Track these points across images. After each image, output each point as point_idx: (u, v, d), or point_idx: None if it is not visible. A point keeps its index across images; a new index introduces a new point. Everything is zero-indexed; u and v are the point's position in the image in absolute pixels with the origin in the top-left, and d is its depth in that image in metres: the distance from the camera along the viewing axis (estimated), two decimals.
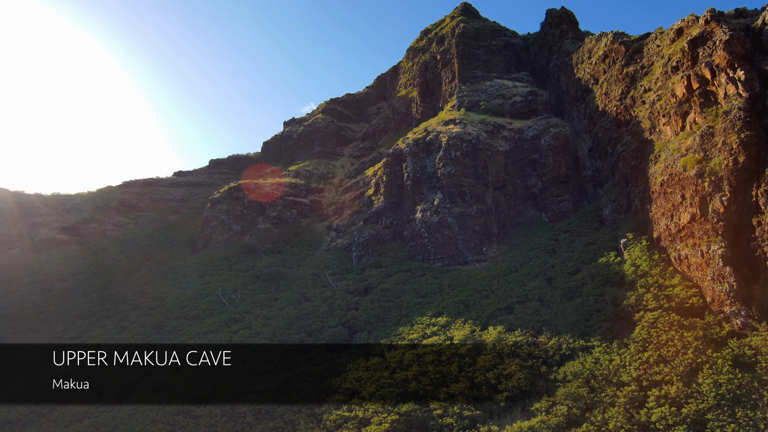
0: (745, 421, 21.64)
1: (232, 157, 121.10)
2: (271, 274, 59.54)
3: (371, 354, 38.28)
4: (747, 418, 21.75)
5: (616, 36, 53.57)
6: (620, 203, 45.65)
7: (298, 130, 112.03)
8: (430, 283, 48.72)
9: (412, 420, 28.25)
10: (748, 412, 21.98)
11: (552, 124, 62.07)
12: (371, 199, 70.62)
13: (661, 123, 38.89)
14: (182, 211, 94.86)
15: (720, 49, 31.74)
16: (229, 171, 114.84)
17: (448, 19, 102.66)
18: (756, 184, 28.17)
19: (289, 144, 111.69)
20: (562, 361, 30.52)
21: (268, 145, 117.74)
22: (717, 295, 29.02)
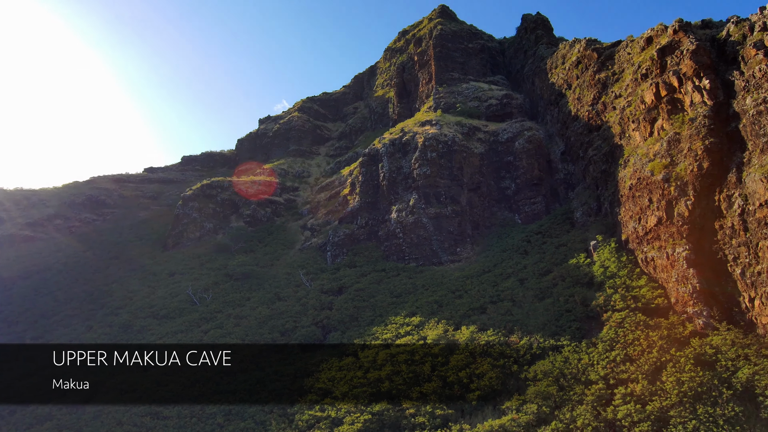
0: (705, 417, 22.42)
1: (205, 154, 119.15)
2: (244, 273, 58.74)
3: (345, 354, 38.15)
4: (707, 414, 22.54)
5: (588, 43, 54.80)
6: (591, 206, 46.70)
7: (274, 128, 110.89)
8: (404, 283, 48.86)
9: (385, 419, 28.26)
10: (708, 409, 22.77)
11: (526, 128, 63.08)
12: (347, 198, 70.43)
13: (630, 128, 39.94)
14: (153, 208, 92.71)
15: (687, 59, 32.79)
16: (202, 168, 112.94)
17: (426, 20, 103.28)
18: (719, 189, 29.20)
19: (264, 142, 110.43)
20: (532, 360, 31.01)
21: (243, 142, 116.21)
22: (681, 296, 29.97)
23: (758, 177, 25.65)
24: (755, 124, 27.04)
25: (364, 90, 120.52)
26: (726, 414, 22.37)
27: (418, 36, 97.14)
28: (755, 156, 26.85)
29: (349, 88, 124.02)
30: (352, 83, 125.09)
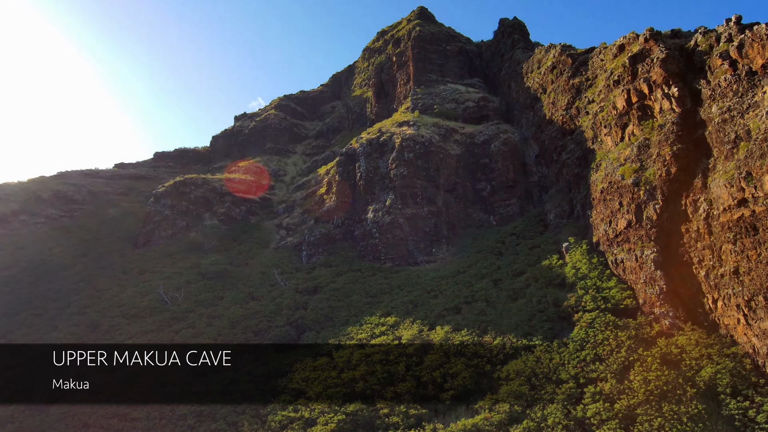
0: (670, 415, 23.12)
1: (178, 150, 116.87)
2: (217, 272, 57.84)
3: (319, 354, 37.96)
4: (672, 412, 23.25)
5: (563, 48, 55.86)
6: (563, 208, 47.61)
7: (250, 125, 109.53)
8: (379, 283, 48.91)
9: (359, 419, 28.23)
10: (673, 407, 23.50)
11: (502, 130, 63.92)
12: (323, 197, 70.08)
13: (602, 133, 40.88)
14: (123, 204, 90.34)
15: (657, 67, 33.75)
16: (175, 165, 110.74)
17: (404, 21, 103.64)
18: (685, 193, 30.15)
19: (239, 139, 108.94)
20: (505, 359, 31.43)
21: (218, 139, 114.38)
22: (648, 297, 30.84)
23: (722, 183, 26.58)
24: (720, 132, 28.01)
25: (342, 89, 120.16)
26: (690, 412, 23.12)
27: (396, 37, 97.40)
28: (720, 162, 27.81)
29: (327, 87, 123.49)
30: (330, 82, 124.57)
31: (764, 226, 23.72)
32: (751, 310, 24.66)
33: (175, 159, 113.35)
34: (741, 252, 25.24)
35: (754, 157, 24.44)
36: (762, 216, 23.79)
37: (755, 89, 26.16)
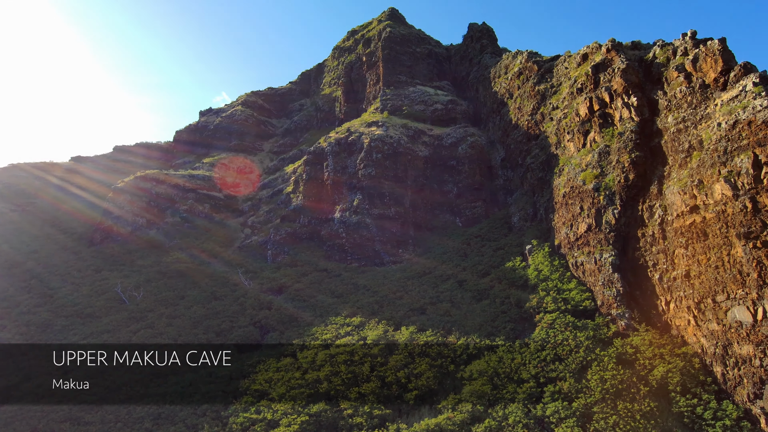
0: (624, 412, 23.99)
1: (140, 144, 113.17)
2: (179, 270, 56.29)
3: (283, 354, 37.52)
4: (626, 410, 24.13)
5: (530, 55, 57.16)
6: (527, 212, 48.69)
7: (215, 120, 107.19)
8: (345, 283, 48.74)
9: (322, 420, 28.04)
10: (627, 405, 24.38)
11: (469, 133, 64.82)
12: (290, 196, 69.32)
13: (565, 139, 42.03)
14: (79, 199, 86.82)
15: (618, 77, 34.97)
16: (136, 159, 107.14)
17: (375, 22, 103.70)
18: (642, 199, 31.36)
19: (204, 135, 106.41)
20: (469, 359, 31.88)
21: (182, 134, 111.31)
22: (606, 299, 31.90)
23: (676, 190, 27.77)
24: (675, 141, 29.26)
25: (311, 87, 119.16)
26: (643, 409, 24.05)
27: (367, 37, 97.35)
28: (674, 170, 29.05)
29: (296, 85, 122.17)
30: (298, 80, 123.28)
31: (714, 232, 24.91)
32: (700, 312, 25.85)
33: (135, 153, 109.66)
34: (692, 256, 26.43)
35: (706, 166, 25.64)
36: (712, 222, 24.98)
37: (708, 101, 27.45)
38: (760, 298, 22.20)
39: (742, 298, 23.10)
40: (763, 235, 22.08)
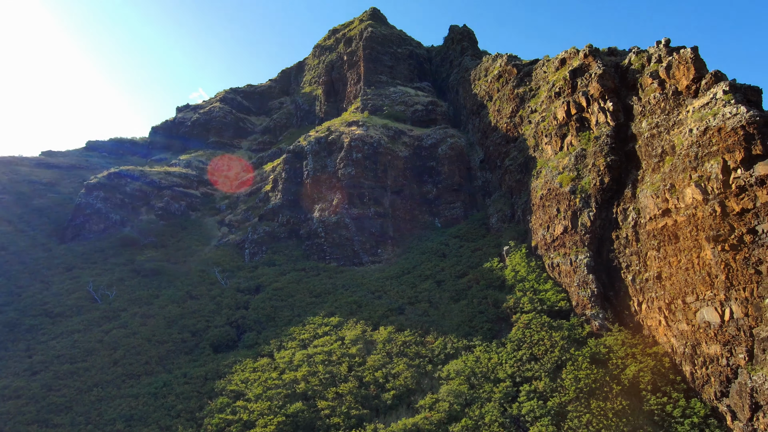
0: (598, 411, 24.49)
1: (114, 140, 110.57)
2: (153, 269, 55.20)
3: (260, 355, 37.17)
4: (600, 408, 24.64)
5: (510, 59, 57.84)
6: (505, 213, 49.27)
7: (193, 117, 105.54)
8: (324, 282, 48.51)
9: (299, 421, 27.87)
10: (600, 403, 24.90)
11: (449, 135, 65.25)
12: (268, 195, 68.70)
13: (543, 142, 42.68)
14: (50, 195, 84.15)
15: (595, 82, 35.67)
16: (110, 155, 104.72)
17: (357, 21, 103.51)
18: (616, 202, 32.05)
19: (181, 131, 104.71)
20: (446, 359, 32.09)
21: (158, 130, 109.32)
22: (581, 300, 32.51)
23: (649, 193, 28.47)
24: (648, 146, 30.00)
25: (291, 85, 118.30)
26: (615, 408, 24.60)
27: (348, 36, 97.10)
28: (648, 174, 29.78)
29: (276, 83, 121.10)
30: (278, 77, 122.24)
31: (684, 235, 25.63)
32: (671, 313, 26.57)
33: (109, 149, 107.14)
34: (664, 258, 27.13)
35: (678, 170, 26.35)
36: (683, 225, 25.69)
37: (680, 108, 28.22)
38: (727, 300, 22.93)
39: (711, 299, 23.82)
40: (731, 238, 22.80)
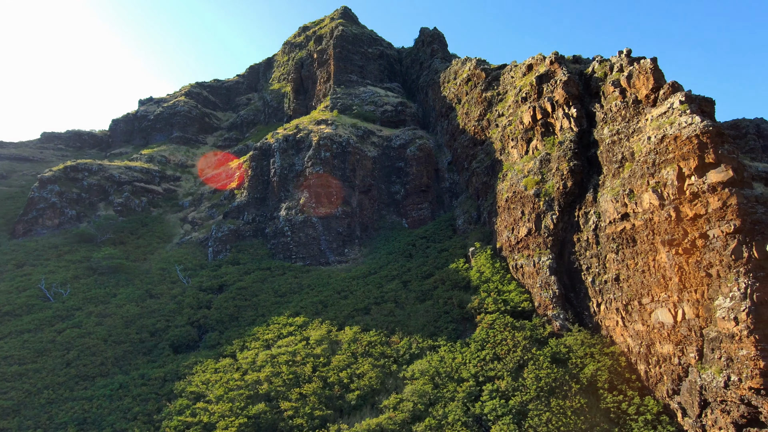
0: (557, 409, 25.06)
1: (71, 132, 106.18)
2: (111, 266, 53.28)
3: (222, 355, 36.40)
4: (559, 406, 25.22)
5: (478, 62, 58.67)
6: (471, 215, 49.92)
7: (156, 110, 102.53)
8: (289, 282, 47.95)
9: (261, 422, 27.41)
10: (560, 402, 25.49)
11: (418, 136, 65.65)
12: (233, 192, 67.42)
13: (509, 146, 43.45)
14: (0, 188, 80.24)
15: (560, 88, 36.53)
16: (66, 147, 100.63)
17: (328, 19, 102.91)
18: (578, 206, 32.93)
19: (143, 125, 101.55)
20: (411, 359, 32.22)
21: (119, 123, 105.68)
22: (543, 300, 33.24)
23: (609, 198, 29.38)
24: (609, 152, 30.94)
25: (259, 82, 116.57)
26: (574, 406, 25.23)
27: (319, 34, 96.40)
28: (608, 179, 30.72)
29: (244, 78, 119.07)
30: (246, 73, 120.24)
31: (641, 238, 26.55)
32: (627, 314, 27.48)
33: (66, 141, 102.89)
34: (622, 261, 28.04)
35: (636, 176, 27.29)
36: (640, 229, 26.62)
37: (639, 116, 29.23)
38: (680, 301, 23.88)
39: (665, 300, 24.76)
40: (684, 242, 23.76)
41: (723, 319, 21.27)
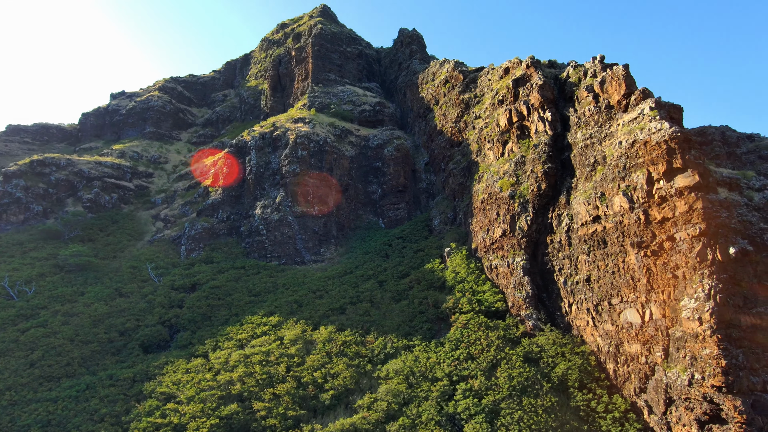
0: (529, 408, 25.46)
1: (38, 125, 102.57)
2: (79, 264, 51.79)
3: (194, 355, 35.78)
4: (531, 405, 25.62)
5: (456, 64, 59.14)
6: (447, 215, 50.29)
7: (128, 105, 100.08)
8: (264, 281, 47.45)
9: (234, 423, 27.04)
10: (531, 401, 25.90)
11: (395, 136, 65.78)
12: (208, 190, 66.33)
13: (486, 148, 43.93)
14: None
15: (535, 92, 37.12)
16: (33, 141, 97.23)
17: (306, 17, 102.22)
18: (552, 208, 33.52)
19: (115, 119, 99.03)
20: (386, 359, 32.26)
21: (89, 117, 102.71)
22: (516, 300, 33.71)
23: (582, 200, 29.99)
24: (582, 156, 31.59)
25: (236, 78, 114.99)
26: (545, 404, 25.66)
27: (297, 31, 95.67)
28: (581, 182, 31.36)
29: (220, 74, 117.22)
30: (223, 69, 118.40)
31: (612, 240, 27.20)
32: (597, 314, 28.10)
33: (33, 134, 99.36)
34: (593, 262, 28.67)
35: (608, 180, 27.93)
36: (611, 231, 27.26)
37: (612, 121, 29.93)
38: (647, 302, 24.55)
39: (633, 301, 25.42)
40: (652, 244, 24.43)
41: (688, 320, 21.95)
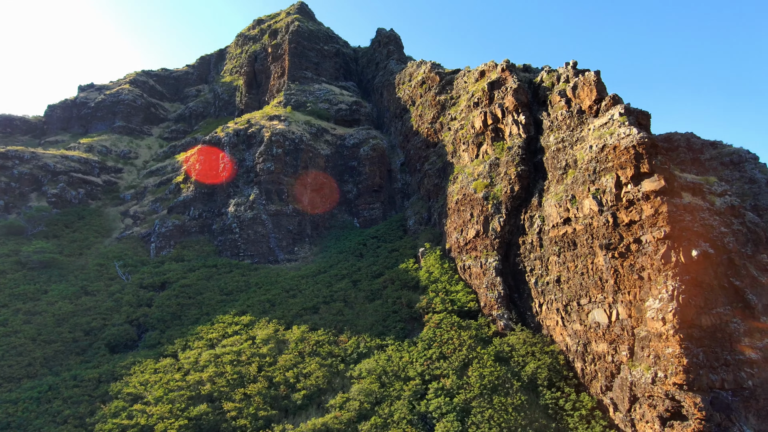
0: (499, 406, 25.84)
1: (1, 116, 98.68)
2: (43, 261, 50.05)
3: (162, 355, 35.03)
4: (501, 403, 26.00)
5: (433, 66, 59.52)
6: (422, 216, 50.56)
7: (98, 98, 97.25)
8: (236, 280, 46.79)
9: (203, 424, 26.58)
10: (502, 399, 26.29)
11: (372, 136, 65.77)
12: (180, 186, 65.02)
13: (461, 149, 44.35)
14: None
15: (510, 95, 37.68)
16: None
17: (284, 14, 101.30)
18: (524, 210, 34.08)
19: (83, 112, 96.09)
20: (359, 359, 32.22)
21: (55, 109, 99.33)
22: (489, 300, 34.15)
23: (553, 203, 30.59)
24: (554, 159, 32.22)
25: (210, 73, 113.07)
26: (515, 403, 26.09)
27: (274, 28, 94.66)
28: (552, 185, 31.98)
29: (194, 69, 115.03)
30: (197, 64, 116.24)
31: (581, 242, 27.83)
32: (567, 314, 28.71)
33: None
34: (563, 263, 29.27)
35: (578, 183, 28.57)
36: (581, 233, 27.88)
37: (583, 126, 30.62)
38: (614, 302, 25.22)
39: (601, 301, 26.07)
40: (620, 246, 25.11)
41: (652, 319, 22.64)
